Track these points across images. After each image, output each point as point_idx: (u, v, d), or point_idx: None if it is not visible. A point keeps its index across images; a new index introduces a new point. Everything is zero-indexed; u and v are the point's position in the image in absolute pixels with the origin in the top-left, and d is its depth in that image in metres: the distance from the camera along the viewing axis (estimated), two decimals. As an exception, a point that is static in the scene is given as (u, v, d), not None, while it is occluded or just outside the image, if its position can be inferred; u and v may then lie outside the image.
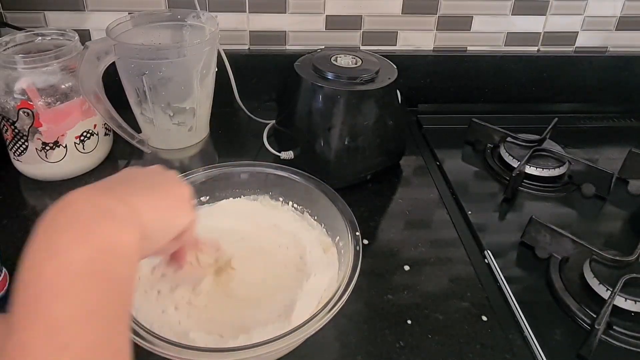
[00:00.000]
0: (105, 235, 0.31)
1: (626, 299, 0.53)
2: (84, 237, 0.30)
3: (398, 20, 0.90)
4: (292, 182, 0.60)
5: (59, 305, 0.28)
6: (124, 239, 0.32)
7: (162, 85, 0.65)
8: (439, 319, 0.54)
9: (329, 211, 0.56)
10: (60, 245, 0.30)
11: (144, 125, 0.70)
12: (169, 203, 0.39)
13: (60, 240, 0.30)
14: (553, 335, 0.52)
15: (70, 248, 0.30)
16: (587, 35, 0.96)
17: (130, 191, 0.36)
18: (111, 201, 0.34)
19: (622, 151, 0.78)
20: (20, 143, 0.69)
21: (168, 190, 0.40)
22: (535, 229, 0.62)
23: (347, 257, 0.50)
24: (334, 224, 0.56)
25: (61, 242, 0.30)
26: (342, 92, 0.68)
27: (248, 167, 0.62)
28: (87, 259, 0.29)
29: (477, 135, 0.85)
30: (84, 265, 0.29)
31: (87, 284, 0.29)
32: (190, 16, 0.70)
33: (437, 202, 0.72)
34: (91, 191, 0.34)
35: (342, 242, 0.54)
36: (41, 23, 0.84)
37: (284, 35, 0.90)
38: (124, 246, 0.32)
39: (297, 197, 0.61)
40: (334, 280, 0.51)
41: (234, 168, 0.62)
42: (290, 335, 0.41)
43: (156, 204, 0.38)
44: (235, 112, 0.86)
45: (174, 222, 0.40)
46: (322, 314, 0.43)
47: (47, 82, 0.66)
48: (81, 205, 0.32)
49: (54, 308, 0.27)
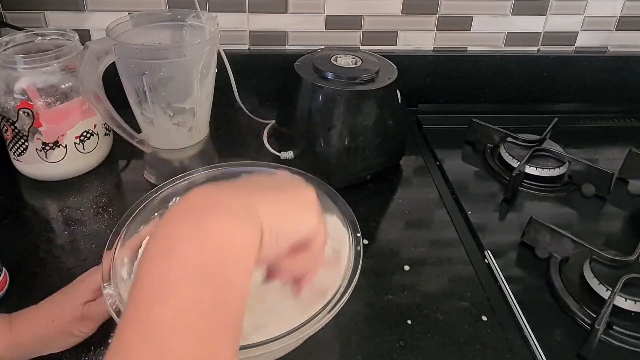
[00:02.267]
0: (221, 232, 0.30)
1: (626, 299, 0.53)
2: (198, 234, 0.29)
3: (398, 20, 0.90)
4: None
5: (160, 308, 0.26)
6: (241, 239, 0.30)
7: (162, 85, 0.65)
8: (439, 319, 0.54)
9: (331, 211, 0.56)
10: (175, 241, 0.29)
11: (144, 125, 0.70)
12: (293, 205, 0.37)
13: (175, 235, 0.29)
14: (553, 335, 0.52)
15: (184, 244, 0.28)
16: (587, 35, 0.96)
17: (253, 191, 0.35)
18: (232, 198, 0.32)
19: (622, 151, 0.78)
20: (20, 143, 0.69)
21: (292, 192, 0.37)
22: (535, 229, 0.62)
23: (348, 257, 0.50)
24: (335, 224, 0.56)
25: (176, 237, 0.29)
26: (342, 92, 0.68)
27: (249, 167, 0.62)
28: (199, 257, 0.28)
29: (477, 135, 0.85)
30: (195, 264, 0.28)
31: (194, 287, 0.27)
32: (190, 16, 0.70)
33: (437, 202, 0.72)
34: (214, 188, 0.33)
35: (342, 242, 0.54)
36: (41, 23, 0.84)
37: (284, 35, 0.90)
38: (239, 246, 0.30)
39: None
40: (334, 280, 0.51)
41: (234, 168, 0.62)
42: (291, 336, 0.41)
43: (279, 205, 0.35)
44: (235, 112, 0.86)
45: (297, 225, 0.36)
46: (323, 314, 0.43)
47: (47, 82, 0.67)
48: (202, 201, 0.31)
49: (155, 311, 0.26)
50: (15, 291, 0.56)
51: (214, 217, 0.30)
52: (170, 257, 0.28)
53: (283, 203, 0.36)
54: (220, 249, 0.29)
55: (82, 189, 0.72)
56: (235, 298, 0.29)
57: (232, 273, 0.29)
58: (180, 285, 0.27)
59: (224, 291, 0.29)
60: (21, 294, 0.56)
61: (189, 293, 0.27)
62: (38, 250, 0.61)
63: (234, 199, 0.32)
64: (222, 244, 0.29)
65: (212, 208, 0.31)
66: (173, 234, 0.29)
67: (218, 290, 0.28)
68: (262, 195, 0.35)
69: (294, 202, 0.37)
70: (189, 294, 0.27)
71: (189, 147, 0.72)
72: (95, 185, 0.73)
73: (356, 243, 0.50)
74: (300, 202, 0.37)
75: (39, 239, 0.63)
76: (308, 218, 0.37)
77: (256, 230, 0.32)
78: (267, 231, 0.33)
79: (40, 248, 0.62)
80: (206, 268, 0.28)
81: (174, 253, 0.28)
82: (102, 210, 0.68)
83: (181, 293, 0.27)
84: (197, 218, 0.30)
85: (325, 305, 0.44)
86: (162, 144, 0.71)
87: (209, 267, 0.28)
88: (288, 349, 0.46)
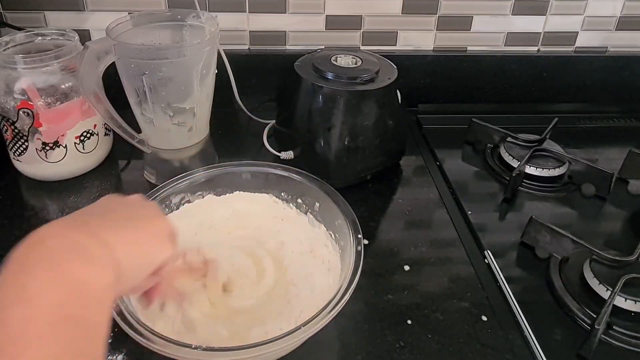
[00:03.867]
0: (78, 276, 0.29)
1: (626, 299, 0.53)
2: (55, 279, 0.28)
3: (398, 20, 0.90)
4: (294, 181, 0.60)
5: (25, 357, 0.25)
6: (97, 281, 0.30)
7: (162, 86, 0.65)
8: (439, 319, 0.54)
9: (331, 211, 0.56)
10: (30, 288, 0.28)
11: (144, 125, 0.70)
12: (146, 238, 0.37)
13: (30, 281, 0.28)
14: (553, 335, 0.52)
15: (40, 291, 0.28)
16: (587, 35, 0.96)
17: (106, 225, 0.35)
18: (85, 237, 0.32)
19: (622, 151, 0.78)
20: (20, 143, 0.69)
21: (145, 224, 0.38)
22: (535, 229, 0.62)
23: (348, 257, 0.50)
24: (336, 224, 0.56)
25: (31, 284, 0.28)
26: (342, 92, 0.68)
27: (249, 167, 0.62)
28: (57, 303, 0.28)
29: (477, 135, 0.85)
30: (54, 311, 0.27)
31: (57, 333, 0.27)
32: (190, 16, 0.70)
33: (437, 202, 0.72)
34: (64, 226, 0.33)
35: (343, 242, 0.54)
36: (41, 23, 0.84)
37: (284, 35, 0.90)
38: (97, 288, 0.30)
39: (300, 197, 0.61)
40: (335, 279, 0.51)
41: (235, 168, 0.62)
42: (291, 336, 0.41)
43: (132, 239, 0.36)
44: (235, 112, 0.86)
45: (151, 258, 0.38)
46: (323, 314, 0.43)
47: (47, 82, 0.66)
48: (53, 241, 0.31)
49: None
50: (15, 291, 0.56)
51: (73, 263, 0.30)
52: (29, 305, 0.27)
53: (137, 238, 0.36)
54: (81, 294, 0.29)
55: (82, 189, 0.72)
56: (96, 337, 0.29)
57: (94, 314, 0.29)
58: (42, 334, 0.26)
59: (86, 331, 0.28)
60: (21, 294, 0.55)
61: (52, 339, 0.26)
62: (38, 250, 0.61)
63: (90, 240, 0.32)
64: (83, 290, 0.29)
65: (70, 251, 0.30)
66: (28, 280, 0.28)
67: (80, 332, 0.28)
68: (117, 232, 0.35)
69: (147, 235, 0.37)
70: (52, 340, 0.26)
71: (189, 147, 0.72)
72: (95, 185, 0.73)
73: (357, 243, 0.50)
74: (154, 234, 0.38)
75: (39, 239, 0.63)
76: (161, 249, 0.39)
77: (114, 270, 0.32)
78: (125, 269, 0.33)
79: (40, 248, 0.62)
80: (67, 315, 0.28)
81: (32, 301, 0.27)
82: (102, 210, 0.68)
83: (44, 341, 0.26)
84: (57, 263, 0.29)
85: (326, 306, 0.44)
86: (162, 144, 0.71)
87: (70, 315, 0.28)
88: (289, 349, 0.46)
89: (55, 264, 0.29)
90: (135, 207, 0.40)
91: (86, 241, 0.32)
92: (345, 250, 0.53)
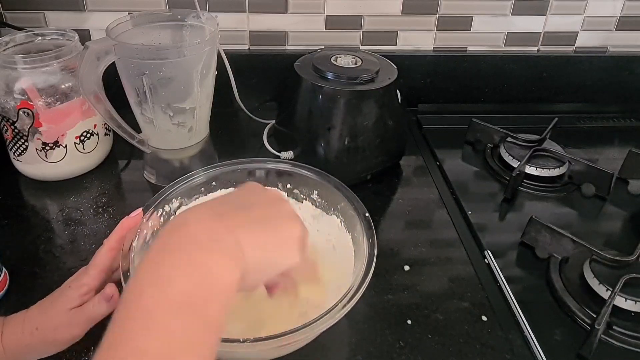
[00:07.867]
0: (212, 266, 0.31)
1: (626, 299, 0.53)
2: (188, 266, 0.31)
3: (398, 20, 0.90)
4: (306, 178, 0.60)
5: (146, 337, 0.28)
6: (228, 276, 0.32)
7: (162, 86, 0.65)
8: (439, 319, 0.54)
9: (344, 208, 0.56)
10: (164, 271, 0.30)
11: (144, 125, 0.70)
12: (275, 244, 0.38)
13: (165, 264, 0.31)
14: (553, 335, 0.52)
15: (172, 277, 0.30)
16: (587, 35, 0.96)
17: (242, 222, 0.36)
18: (224, 231, 0.34)
19: (622, 151, 0.78)
20: (20, 143, 0.69)
21: (277, 227, 0.38)
22: (535, 229, 0.62)
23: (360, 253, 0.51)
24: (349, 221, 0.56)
25: (166, 267, 0.30)
26: (342, 92, 0.68)
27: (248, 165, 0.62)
28: (186, 291, 0.30)
29: (477, 135, 0.85)
30: (181, 298, 0.29)
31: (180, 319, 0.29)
32: (190, 16, 0.70)
33: (437, 202, 0.72)
34: (206, 214, 0.34)
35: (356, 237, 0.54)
36: (41, 23, 0.84)
37: (284, 35, 0.90)
38: (224, 283, 0.32)
39: (314, 194, 0.61)
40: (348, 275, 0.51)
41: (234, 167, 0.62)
42: (302, 331, 0.41)
43: (261, 242, 0.36)
44: (235, 112, 0.86)
45: (276, 264, 0.38)
46: (338, 308, 0.43)
47: (47, 82, 0.67)
48: (197, 227, 0.33)
49: (141, 339, 0.28)
50: (15, 291, 0.56)
51: (211, 253, 0.32)
52: (159, 288, 0.29)
53: (266, 243, 0.37)
54: (210, 287, 0.31)
55: (82, 189, 0.72)
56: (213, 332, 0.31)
57: (213, 311, 0.31)
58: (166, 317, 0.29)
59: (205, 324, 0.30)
60: (21, 294, 0.56)
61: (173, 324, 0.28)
62: (38, 250, 0.61)
63: (228, 236, 0.33)
64: (212, 283, 0.31)
65: (210, 240, 0.32)
66: (165, 262, 0.31)
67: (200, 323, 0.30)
68: (249, 233, 0.35)
69: (277, 240, 0.38)
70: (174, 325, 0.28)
71: (189, 147, 0.72)
72: (95, 185, 0.73)
73: (369, 239, 0.51)
74: (283, 240, 0.38)
75: (39, 239, 0.63)
76: (287, 256, 0.39)
77: (241, 269, 0.33)
78: (251, 270, 0.34)
79: (40, 248, 0.62)
80: (191, 304, 0.30)
81: (165, 284, 0.30)
82: (102, 210, 0.68)
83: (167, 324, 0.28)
84: (198, 248, 0.32)
85: (339, 302, 0.44)
86: (162, 144, 0.71)
87: (194, 304, 0.30)
88: (301, 344, 0.47)
89: (191, 251, 0.31)
90: (271, 205, 0.40)
91: (225, 235, 0.33)
92: (358, 245, 0.53)
